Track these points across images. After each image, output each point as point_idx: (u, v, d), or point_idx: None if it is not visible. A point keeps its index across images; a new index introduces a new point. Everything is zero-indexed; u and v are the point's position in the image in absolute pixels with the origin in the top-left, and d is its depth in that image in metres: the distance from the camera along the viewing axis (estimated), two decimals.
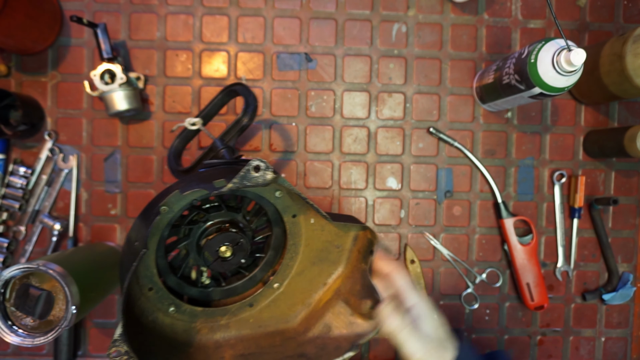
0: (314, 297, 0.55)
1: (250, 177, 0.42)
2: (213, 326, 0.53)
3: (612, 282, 0.73)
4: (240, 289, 0.55)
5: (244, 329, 0.54)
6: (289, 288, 0.55)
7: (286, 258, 0.54)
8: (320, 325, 0.53)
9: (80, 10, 0.69)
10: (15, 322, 0.52)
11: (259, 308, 0.55)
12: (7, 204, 0.68)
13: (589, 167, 0.73)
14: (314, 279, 0.55)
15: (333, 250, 0.54)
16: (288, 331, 0.54)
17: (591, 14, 0.72)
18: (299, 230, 0.53)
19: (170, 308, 0.51)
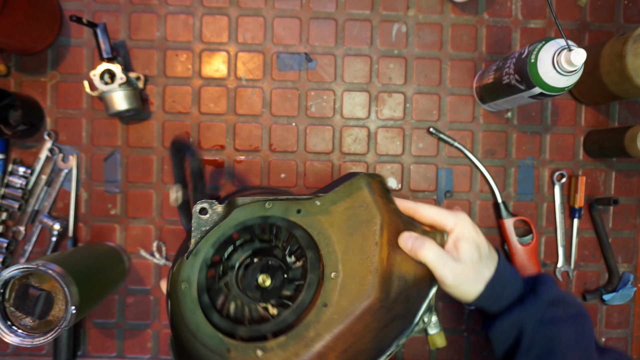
0: (375, 260, 0.53)
1: (203, 222, 0.42)
2: (306, 343, 0.53)
3: (613, 283, 0.72)
4: (292, 315, 0.54)
5: (334, 327, 0.53)
6: (347, 269, 0.54)
7: (323, 250, 0.53)
8: (396, 281, 0.52)
9: (80, 10, 0.69)
10: (14, 322, 0.52)
11: (334, 302, 0.54)
12: (7, 204, 0.68)
13: (589, 167, 0.73)
14: (363, 246, 0.53)
15: (360, 212, 0.53)
16: (373, 304, 0.53)
17: (591, 14, 0.72)
18: (314, 219, 0.52)
19: (257, 352, 0.51)
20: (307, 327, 0.53)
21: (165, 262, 0.70)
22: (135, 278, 0.70)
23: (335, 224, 0.53)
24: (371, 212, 0.53)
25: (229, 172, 0.71)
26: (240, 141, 0.71)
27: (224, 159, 0.71)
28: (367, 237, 0.54)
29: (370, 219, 0.53)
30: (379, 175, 0.51)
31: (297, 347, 0.53)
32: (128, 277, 0.70)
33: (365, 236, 0.54)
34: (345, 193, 0.52)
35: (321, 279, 0.54)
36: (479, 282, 0.48)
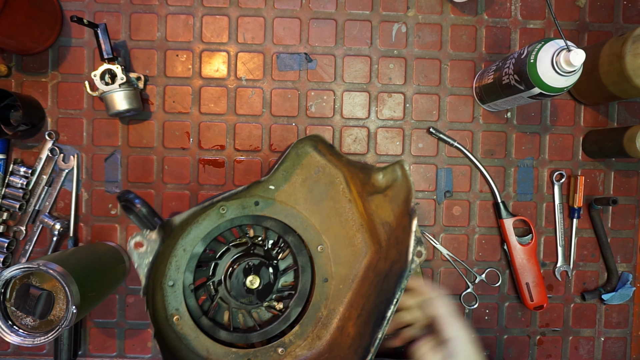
0: (356, 218, 0.52)
1: (143, 255, 0.42)
2: (323, 323, 0.52)
3: (612, 282, 0.73)
4: (299, 303, 0.54)
5: (344, 297, 0.53)
6: (331, 237, 0.53)
7: (300, 229, 0.52)
8: (381, 228, 0.51)
9: (81, 10, 0.69)
10: (15, 322, 0.52)
11: (333, 274, 0.53)
12: (8, 204, 0.68)
13: (589, 167, 0.73)
14: (337, 209, 0.52)
15: (319, 177, 0.51)
16: (372, 259, 0.53)
17: (591, 14, 0.72)
18: (276, 204, 0.51)
19: (278, 351, 0.51)
20: (318, 308, 0.53)
21: None
22: (136, 278, 0.71)
23: (299, 199, 0.52)
24: (330, 173, 0.51)
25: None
26: (240, 141, 0.71)
27: (224, 159, 0.71)
28: (337, 199, 0.52)
29: (332, 180, 0.52)
30: (317, 135, 0.49)
31: (315, 330, 0.52)
32: (128, 276, 0.71)
33: (335, 198, 0.52)
34: (293, 165, 0.50)
35: (311, 257, 0.53)
36: None
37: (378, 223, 0.51)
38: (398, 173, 0.49)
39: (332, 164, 0.51)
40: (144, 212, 0.44)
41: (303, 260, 0.53)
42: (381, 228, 0.51)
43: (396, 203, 0.49)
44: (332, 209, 0.52)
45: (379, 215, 0.51)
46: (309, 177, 0.51)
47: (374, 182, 0.50)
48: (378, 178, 0.49)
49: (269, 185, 0.50)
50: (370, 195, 0.51)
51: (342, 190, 0.52)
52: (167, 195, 0.70)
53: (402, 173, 0.49)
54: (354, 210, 0.52)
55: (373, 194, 0.50)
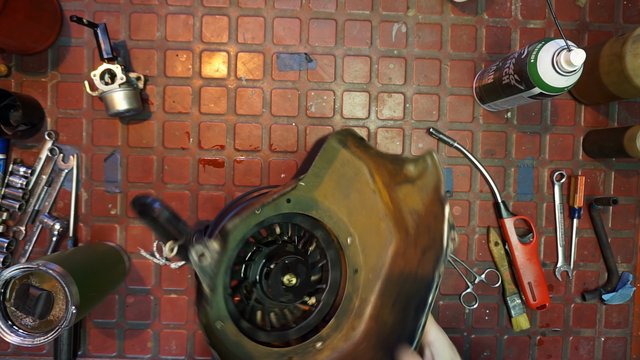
0: (380, 207, 0.53)
1: (207, 266, 0.42)
2: (357, 313, 0.53)
3: (612, 282, 0.73)
4: (331, 296, 0.54)
5: (374, 286, 0.53)
6: (359, 229, 0.53)
7: (329, 223, 0.52)
8: (408, 216, 0.51)
9: (81, 10, 0.69)
10: (15, 322, 0.52)
11: (362, 264, 0.53)
12: (7, 204, 0.68)
13: (589, 167, 0.73)
14: (363, 200, 0.53)
15: (345, 171, 0.52)
16: (398, 247, 0.53)
17: (591, 14, 0.72)
18: (306, 200, 0.51)
19: (317, 345, 0.51)
20: (350, 299, 0.53)
21: (165, 262, 0.70)
22: (136, 278, 0.71)
23: (328, 194, 0.52)
24: (355, 165, 0.52)
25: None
26: (240, 141, 0.71)
27: (224, 159, 0.71)
28: (362, 191, 0.53)
29: (357, 172, 0.52)
30: (346, 129, 0.49)
31: (350, 322, 0.53)
32: (128, 277, 0.71)
33: (361, 190, 0.53)
34: (324, 161, 0.51)
35: (340, 250, 0.54)
36: None
37: (406, 212, 0.51)
38: (428, 162, 0.50)
39: (357, 156, 0.52)
40: (167, 216, 0.41)
41: (332, 253, 0.54)
42: (409, 216, 0.51)
43: (425, 192, 0.50)
44: (358, 201, 0.53)
45: (407, 204, 0.51)
46: (335, 171, 0.52)
47: (406, 172, 0.51)
48: (410, 169, 0.50)
49: (301, 182, 0.50)
50: (398, 185, 0.51)
51: (366, 182, 0.53)
52: (167, 195, 0.70)
53: (432, 163, 0.49)
54: (378, 200, 0.53)
55: (402, 184, 0.51)
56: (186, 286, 0.71)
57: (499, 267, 0.72)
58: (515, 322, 0.72)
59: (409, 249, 0.52)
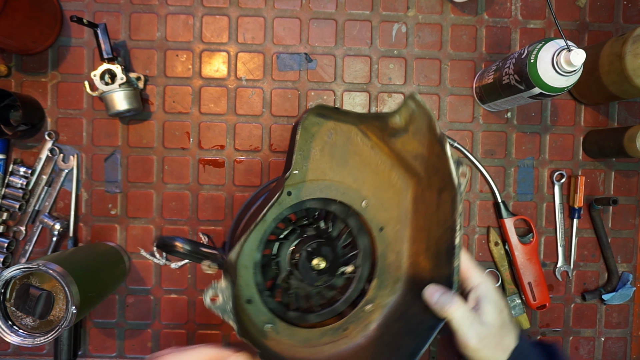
0: (384, 160, 0.52)
1: (220, 305, 0.42)
2: (396, 266, 0.53)
3: (612, 282, 0.73)
4: (366, 259, 0.54)
5: (404, 235, 0.53)
6: (370, 189, 0.53)
7: (340, 196, 0.52)
8: (413, 161, 0.51)
9: (81, 10, 0.69)
10: (15, 322, 0.52)
11: (386, 220, 0.53)
12: (7, 204, 0.68)
13: (589, 167, 0.73)
14: (365, 160, 0.52)
15: (334, 140, 0.51)
16: (416, 191, 0.52)
17: (591, 14, 0.72)
18: (307, 185, 0.51)
19: (366, 308, 0.52)
20: (385, 256, 0.53)
21: (165, 262, 0.70)
22: (136, 278, 0.71)
23: (325, 169, 0.52)
24: (343, 130, 0.51)
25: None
26: (240, 141, 0.71)
27: (224, 159, 0.71)
28: (360, 152, 0.52)
29: (347, 136, 0.52)
30: (318, 104, 0.48)
31: (391, 276, 0.53)
32: (128, 277, 0.71)
33: (359, 152, 0.52)
34: (306, 141, 0.50)
35: (360, 215, 0.53)
36: (501, 350, 0.45)
37: (410, 158, 0.51)
38: (412, 106, 0.48)
39: (341, 121, 0.51)
40: (189, 249, 0.45)
41: (353, 221, 0.54)
42: (414, 161, 0.51)
43: (421, 134, 0.49)
44: (359, 163, 0.53)
45: (408, 151, 0.51)
46: (325, 144, 0.51)
47: (392, 125, 0.50)
48: (395, 121, 0.49)
49: (293, 171, 0.50)
50: (392, 137, 0.51)
51: (362, 141, 0.52)
52: (167, 195, 0.70)
53: (416, 105, 0.48)
54: (379, 154, 0.52)
55: (395, 135, 0.51)
56: (186, 286, 0.71)
57: (499, 267, 0.72)
58: (516, 322, 0.72)
59: (425, 192, 0.51)
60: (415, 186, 0.52)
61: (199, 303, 0.71)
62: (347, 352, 0.51)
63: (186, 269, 0.71)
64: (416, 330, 0.48)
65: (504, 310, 0.47)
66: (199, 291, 0.71)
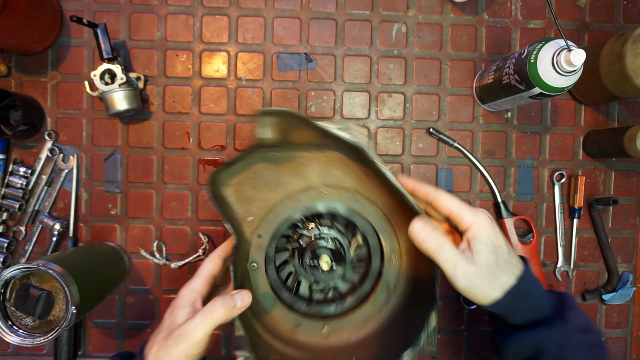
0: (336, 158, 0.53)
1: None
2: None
3: (612, 282, 0.73)
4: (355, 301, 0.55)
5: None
6: (328, 187, 0.53)
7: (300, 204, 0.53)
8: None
9: (81, 10, 0.69)
10: (15, 322, 0.52)
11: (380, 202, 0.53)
12: (7, 204, 0.68)
13: (589, 167, 0.73)
14: (320, 171, 0.54)
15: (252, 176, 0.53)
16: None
17: (591, 14, 0.72)
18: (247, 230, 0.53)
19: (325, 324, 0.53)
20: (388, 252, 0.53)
21: (165, 262, 0.70)
22: (136, 278, 0.71)
23: (269, 194, 0.53)
24: (277, 156, 0.52)
25: None
26: (240, 141, 0.71)
27: (224, 159, 0.71)
28: (297, 170, 0.53)
29: (287, 158, 0.53)
30: (212, 174, 0.50)
31: (394, 274, 0.53)
32: (128, 277, 0.71)
33: (296, 170, 0.53)
34: (232, 204, 0.52)
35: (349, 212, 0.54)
36: (495, 288, 0.44)
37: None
38: (270, 119, 0.49)
39: (250, 164, 0.52)
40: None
41: (359, 221, 0.54)
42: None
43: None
44: (315, 172, 0.54)
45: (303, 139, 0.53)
46: (250, 179, 0.53)
47: (265, 143, 0.51)
48: (266, 136, 0.50)
49: (247, 218, 0.53)
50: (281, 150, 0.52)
51: (303, 156, 0.53)
52: (167, 195, 0.70)
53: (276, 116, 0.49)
54: (320, 157, 0.53)
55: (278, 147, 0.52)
56: None
57: None
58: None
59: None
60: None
61: None
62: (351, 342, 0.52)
63: (186, 269, 0.71)
64: (414, 322, 0.49)
65: (500, 248, 0.45)
66: None
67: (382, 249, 0.53)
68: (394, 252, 0.53)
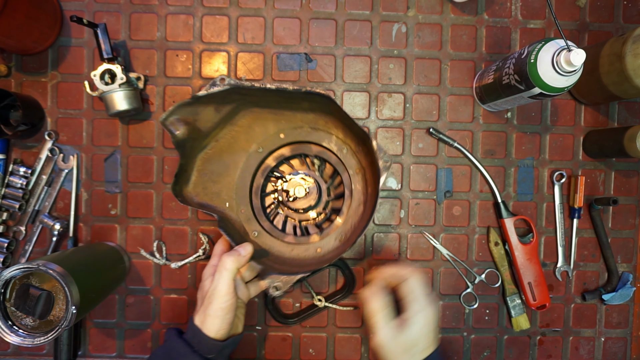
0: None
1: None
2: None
3: (612, 282, 0.73)
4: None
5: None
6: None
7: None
8: None
9: (81, 10, 0.69)
10: (15, 322, 0.52)
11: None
12: (7, 204, 0.68)
13: (589, 167, 0.73)
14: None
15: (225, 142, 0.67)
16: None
17: (591, 14, 0.72)
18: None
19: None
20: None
21: (165, 262, 0.70)
22: (136, 278, 0.71)
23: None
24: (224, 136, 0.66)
25: None
26: None
27: None
28: (231, 147, 0.67)
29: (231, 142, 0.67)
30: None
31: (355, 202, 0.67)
32: (128, 277, 0.71)
33: (230, 147, 0.66)
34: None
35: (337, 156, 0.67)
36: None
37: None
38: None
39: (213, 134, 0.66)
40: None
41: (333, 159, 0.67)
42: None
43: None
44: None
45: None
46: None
47: (177, 139, 0.62)
48: (177, 133, 0.62)
49: (226, 205, 0.67)
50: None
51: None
52: (167, 195, 0.70)
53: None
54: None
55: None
56: (186, 286, 0.71)
57: (499, 267, 0.72)
58: (515, 322, 0.72)
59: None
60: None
61: None
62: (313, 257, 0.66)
63: (186, 269, 0.71)
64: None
65: (424, 335, 0.52)
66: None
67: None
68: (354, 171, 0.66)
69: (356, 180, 0.66)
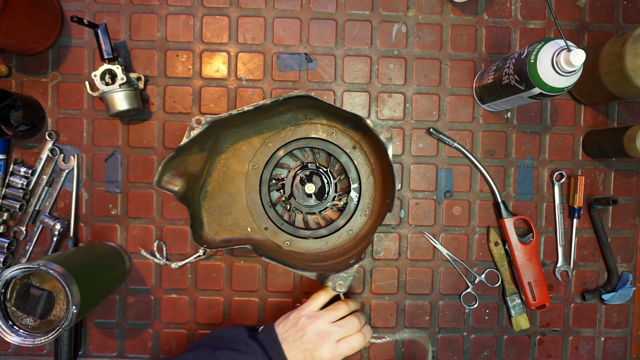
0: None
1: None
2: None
3: (612, 282, 0.73)
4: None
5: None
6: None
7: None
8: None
9: (81, 10, 0.69)
10: (16, 322, 0.52)
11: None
12: (8, 204, 0.68)
13: (589, 167, 0.73)
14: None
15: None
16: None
17: (591, 14, 0.72)
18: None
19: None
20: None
21: (165, 262, 0.70)
22: (136, 278, 0.71)
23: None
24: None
25: None
26: None
27: None
28: (227, 178, 0.68)
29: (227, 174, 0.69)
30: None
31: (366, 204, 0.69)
32: (129, 277, 0.71)
33: (226, 178, 0.68)
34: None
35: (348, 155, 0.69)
36: None
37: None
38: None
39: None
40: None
41: (344, 158, 0.68)
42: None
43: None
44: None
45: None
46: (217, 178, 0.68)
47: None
48: (176, 190, 0.62)
49: (248, 229, 0.69)
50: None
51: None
52: (167, 195, 0.70)
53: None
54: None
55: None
56: (186, 286, 0.71)
57: (499, 267, 0.72)
58: (515, 322, 0.72)
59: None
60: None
61: (199, 303, 0.71)
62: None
63: (186, 269, 0.71)
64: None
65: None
66: (199, 291, 0.71)
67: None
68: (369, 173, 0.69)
69: (355, 155, 0.68)
